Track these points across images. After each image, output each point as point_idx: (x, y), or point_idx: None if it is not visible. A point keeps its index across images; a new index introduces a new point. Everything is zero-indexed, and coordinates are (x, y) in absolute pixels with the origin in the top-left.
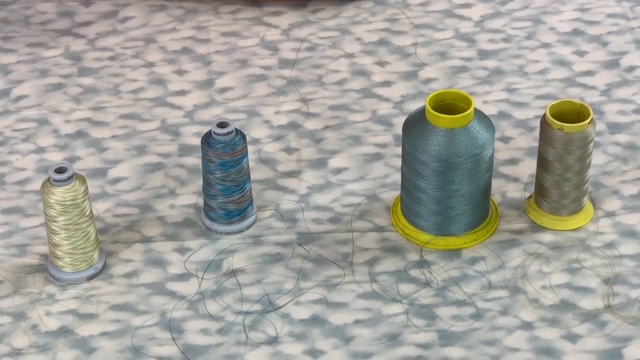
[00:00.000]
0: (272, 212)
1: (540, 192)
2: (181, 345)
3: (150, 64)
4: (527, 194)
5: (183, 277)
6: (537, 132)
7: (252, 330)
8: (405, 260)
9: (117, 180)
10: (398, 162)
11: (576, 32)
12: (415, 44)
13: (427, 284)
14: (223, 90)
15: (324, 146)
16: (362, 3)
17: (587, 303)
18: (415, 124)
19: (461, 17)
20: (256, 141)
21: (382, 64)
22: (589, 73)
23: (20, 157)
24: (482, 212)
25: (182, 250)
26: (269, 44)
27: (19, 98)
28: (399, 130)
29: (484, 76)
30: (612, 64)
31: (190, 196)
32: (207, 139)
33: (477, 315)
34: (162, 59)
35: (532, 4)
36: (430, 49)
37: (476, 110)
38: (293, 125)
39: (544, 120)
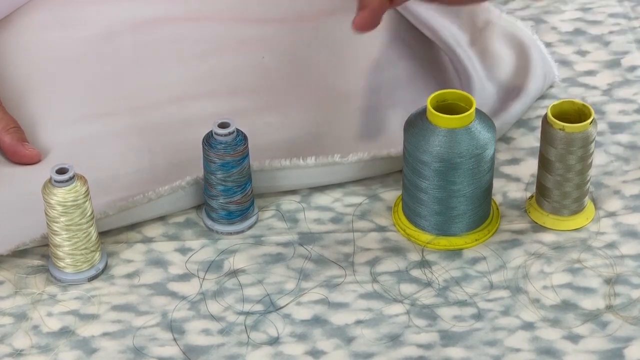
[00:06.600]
0: (274, 212)
1: (541, 192)
2: (182, 345)
3: None
4: (529, 194)
5: (184, 277)
6: (538, 132)
7: (254, 330)
8: (407, 261)
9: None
10: None
11: (578, 32)
12: None
13: (428, 284)
14: None
15: None
16: None
17: (589, 303)
18: (417, 124)
19: None
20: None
21: None
22: (590, 73)
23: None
24: (483, 212)
25: (183, 251)
26: None
27: None
28: None
29: None
30: (613, 64)
31: None
32: (208, 140)
33: (479, 316)
34: None
35: (534, 3)
36: None
37: (477, 111)
38: None
39: (545, 120)
